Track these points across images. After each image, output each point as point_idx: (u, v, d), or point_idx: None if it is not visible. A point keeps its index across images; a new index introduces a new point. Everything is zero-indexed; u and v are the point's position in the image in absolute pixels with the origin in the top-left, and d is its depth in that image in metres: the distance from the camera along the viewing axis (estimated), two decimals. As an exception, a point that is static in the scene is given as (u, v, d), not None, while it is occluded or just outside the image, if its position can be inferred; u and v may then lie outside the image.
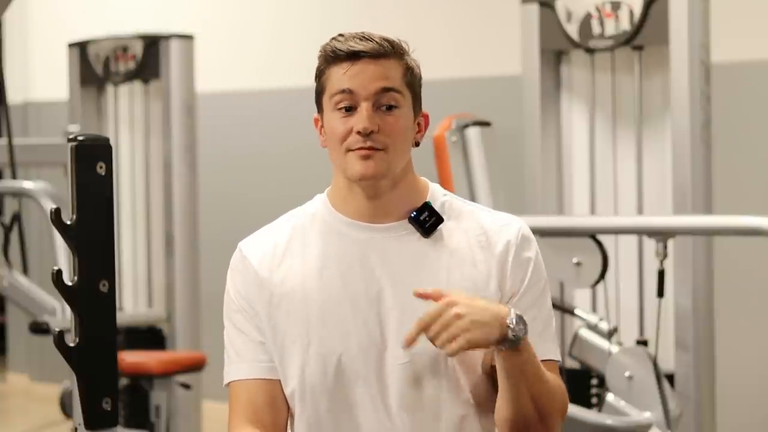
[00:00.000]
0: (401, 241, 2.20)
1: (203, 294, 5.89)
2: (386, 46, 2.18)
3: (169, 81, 5.84)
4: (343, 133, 2.17)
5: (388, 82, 2.17)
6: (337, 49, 2.18)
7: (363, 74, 2.16)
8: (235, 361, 2.23)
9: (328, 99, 2.20)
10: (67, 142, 2.03)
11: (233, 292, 2.25)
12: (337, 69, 2.18)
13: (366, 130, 2.15)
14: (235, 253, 2.27)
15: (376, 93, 2.17)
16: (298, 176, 6.49)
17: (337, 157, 2.19)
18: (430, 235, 2.20)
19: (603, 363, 4.14)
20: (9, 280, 5.20)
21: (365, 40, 2.18)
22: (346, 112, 2.17)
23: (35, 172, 6.75)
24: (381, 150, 2.16)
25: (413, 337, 2.06)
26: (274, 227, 2.28)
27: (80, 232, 2.01)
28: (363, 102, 2.16)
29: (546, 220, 4.38)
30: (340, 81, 2.17)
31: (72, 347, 2.02)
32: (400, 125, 2.18)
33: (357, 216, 2.21)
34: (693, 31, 4.40)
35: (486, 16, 6.40)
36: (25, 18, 8.01)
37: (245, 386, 2.21)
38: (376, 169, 2.16)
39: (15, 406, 7.99)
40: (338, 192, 2.24)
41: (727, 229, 4.03)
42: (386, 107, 2.17)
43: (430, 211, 2.21)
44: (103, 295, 2.03)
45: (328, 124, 2.20)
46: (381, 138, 2.16)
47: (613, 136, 4.69)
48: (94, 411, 2.03)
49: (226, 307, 2.26)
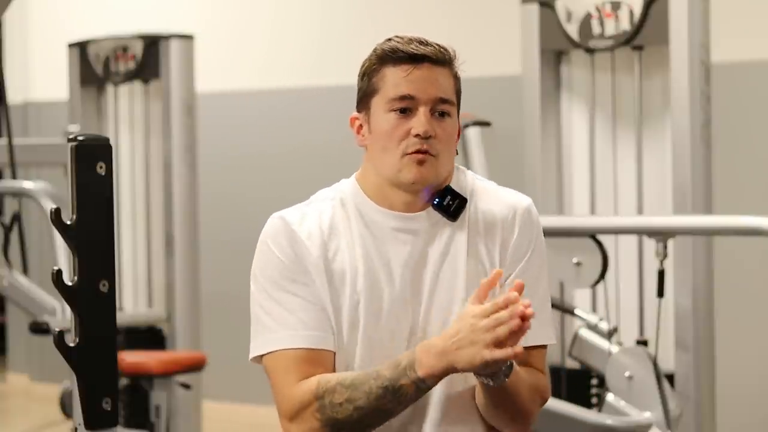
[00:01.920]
0: (432, 228, 2.23)
1: (203, 294, 5.89)
2: (445, 53, 2.23)
3: (169, 81, 5.84)
4: (400, 135, 2.19)
5: (444, 91, 2.22)
6: (398, 50, 2.20)
7: (424, 79, 2.20)
8: (293, 327, 2.17)
9: (383, 100, 2.21)
10: (67, 142, 2.03)
11: (287, 259, 2.20)
12: (395, 70, 2.20)
13: (426, 133, 2.18)
14: (276, 222, 2.24)
15: (434, 100, 2.20)
16: (298, 176, 6.49)
17: (388, 159, 2.20)
18: (456, 219, 2.23)
19: (603, 363, 4.14)
20: (9, 280, 5.20)
21: (425, 44, 2.21)
22: (401, 114, 2.20)
23: (35, 172, 6.75)
24: (434, 156, 2.19)
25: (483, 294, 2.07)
26: (312, 207, 2.27)
27: (80, 232, 2.01)
28: (421, 107, 2.19)
29: (546, 220, 4.36)
30: (399, 84, 2.19)
31: (72, 347, 2.02)
32: (451, 133, 2.23)
33: (389, 205, 2.24)
34: (693, 31, 4.40)
35: (486, 16, 6.40)
36: (25, 18, 8.00)
37: (299, 354, 2.17)
38: (429, 174, 2.19)
39: (15, 406, 7.99)
40: (372, 183, 2.25)
41: (727, 229, 4.03)
42: (439, 113, 2.21)
43: (452, 194, 2.24)
44: (103, 295, 2.03)
45: (380, 124, 2.21)
46: (435, 144, 2.19)
47: (613, 136, 4.69)
48: (94, 411, 2.03)
49: (270, 277, 2.20)
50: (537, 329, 2.16)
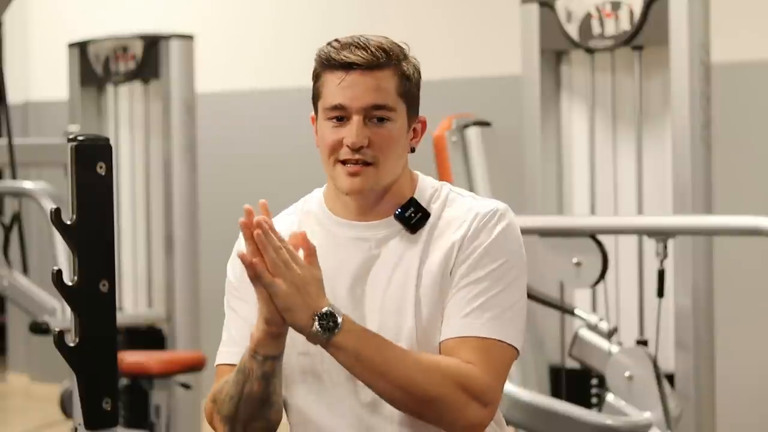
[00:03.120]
0: (387, 239, 2.20)
1: (203, 294, 5.89)
2: (381, 56, 2.16)
3: (169, 81, 5.84)
4: (332, 144, 2.18)
5: (380, 97, 2.15)
6: (331, 58, 2.17)
7: (356, 87, 2.15)
8: (229, 344, 2.26)
9: (322, 107, 2.20)
10: (67, 142, 2.03)
11: (233, 277, 2.27)
12: (331, 77, 2.17)
13: (355, 145, 2.15)
14: (238, 240, 2.24)
15: (366, 108, 2.16)
16: (298, 176, 6.47)
17: (327, 167, 2.21)
18: (415, 232, 2.20)
19: (603, 363, 4.14)
20: (9, 280, 5.20)
21: (360, 48, 2.15)
22: (338, 122, 2.17)
23: (35, 172, 6.75)
24: (370, 164, 2.16)
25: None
26: (277, 220, 2.27)
27: (80, 232, 2.01)
28: (354, 115, 2.16)
29: (546, 220, 4.38)
30: (333, 93, 2.16)
31: (72, 347, 2.01)
32: (392, 138, 2.17)
33: (346, 214, 2.23)
34: (693, 31, 4.40)
35: (486, 16, 6.40)
36: (25, 18, 8.01)
37: (229, 370, 2.21)
38: (363, 184, 2.17)
39: (15, 406, 7.99)
40: (330, 191, 2.26)
41: (727, 229, 4.03)
42: (378, 119, 2.17)
43: (416, 206, 2.21)
44: (103, 295, 2.03)
45: (320, 131, 2.22)
46: (370, 152, 2.16)
47: (613, 136, 4.69)
48: (94, 411, 2.03)
49: (227, 289, 2.29)
50: (473, 321, 2.12)
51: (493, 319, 2.14)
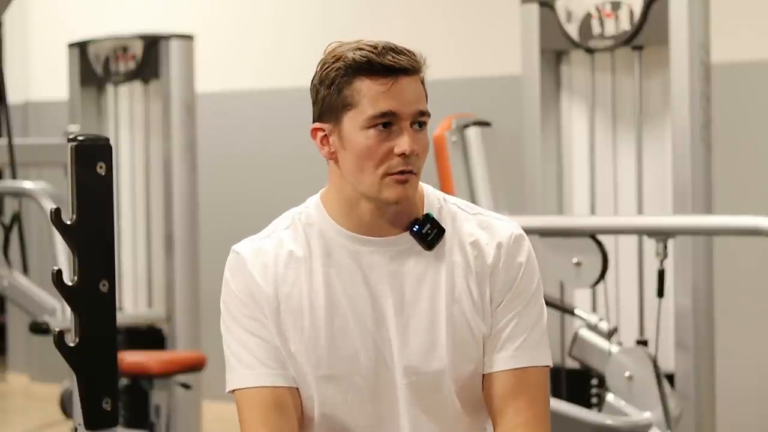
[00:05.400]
0: (403, 255, 2.14)
1: (203, 294, 5.89)
2: (419, 61, 2.10)
3: (169, 81, 5.84)
4: (382, 155, 2.07)
5: (423, 103, 2.10)
6: (374, 62, 2.05)
7: (404, 93, 2.07)
8: (251, 365, 2.12)
9: (360, 116, 2.07)
10: (67, 142, 2.03)
11: (242, 295, 2.14)
12: (372, 85, 2.06)
13: (414, 153, 2.07)
14: (232, 257, 2.17)
15: (415, 114, 2.09)
16: (298, 176, 6.49)
17: (366, 178, 2.08)
18: (432, 248, 2.14)
19: (603, 363, 4.14)
20: (9, 280, 5.19)
21: (399, 53, 2.08)
22: (383, 129, 2.07)
23: (35, 172, 6.75)
24: (415, 174, 2.10)
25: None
26: (270, 236, 2.18)
27: (80, 232, 2.01)
28: (404, 122, 2.07)
29: (546, 220, 4.38)
30: (381, 100, 2.05)
31: (72, 347, 2.02)
32: (428, 144, 2.13)
33: (357, 228, 2.14)
34: (693, 31, 4.40)
35: (486, 16, 6.40)
36: (25, 18, 8.00)
37: (260, 393, 2.12)
38: (411, 192, 2.10)
39: (15, 406, 7.99)
40: (339, 202, 2.15)
41: (727, 229, 4.03)
42: (418, 124, 2.10)
43: (432, 223, 2.14)
44: (103, 295, 2.03)
45: (357, 141, 2.08)
46: (416, 161, 2.09)
47: (613, 136, 4.69)
48: (94, 411, 2.03)
49: (230, 312, 2.16)
50: (527, 350, 2.13)
51: (539, 346, 2.15)
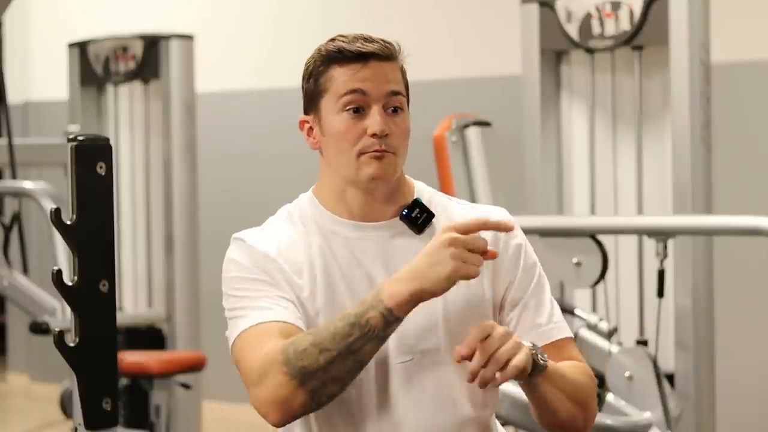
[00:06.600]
0: (395, 239, 2.19)
1: (203, 294, 5.89)
2: (391, 48, 2.18)
3: (169, 81, 5.84)
4: (355, 136, 2.15)
5: (396, 85, 2.17)
6: (345, 50, 2.15)
7: (375, 75, 2.15)
8: (267, 307, 2.10)
9: (333, 100, 2.16)
10: (67, 142, 2.03)
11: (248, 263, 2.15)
12: (343, 70, 2.15)
13: (383, 132, 2.13)
14: (234, 242, 2.20)
15: (386, 95, 2.16)
16: (298, 176, 6.46)
17: (343, 160, 2.16)
18: (422, 232, 2.19)
19: (603, 363, 4.14)
20: (9, 280, 5.20)
21: (371, 41, 2.17)
22: (355, 113, 2.15)
23: (35, 172, 6.75)
24: (392, 153, 2.15)
25: (467, 355, 2.00)
26: (269, 228, 2.22)
27: (80, 232, 2.01)
28: (374, 104, 2.15)
29: (546, 220, 4.38)
30: (350, 82, 2.14)
31: (72, 347, 2.02)
32: (407, 128, 2.19)
33: (349, 215, 2.20)
34: (693, 31, 4.40)
35: (486, 16, 6.40)
36: (25, 18, 8.01)
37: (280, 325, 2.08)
38: (388, 170, 2.15)
39: (15, 406, 7.99)
40: (330, 192, 2.22)
41: (727, 229, 4.03)
42: (392, 109, 2.17)
43: (421, 207, 2.20)
44: (103, 295, 2.03)
45: (333, 125, 2.16)
46: (391, 141, 2.15)
47: (613, 136, 4.69)
48: (94, 411, 2.03)
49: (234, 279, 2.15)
50: (559, 323, 2.21)
51: (561, 318, 2.24)
